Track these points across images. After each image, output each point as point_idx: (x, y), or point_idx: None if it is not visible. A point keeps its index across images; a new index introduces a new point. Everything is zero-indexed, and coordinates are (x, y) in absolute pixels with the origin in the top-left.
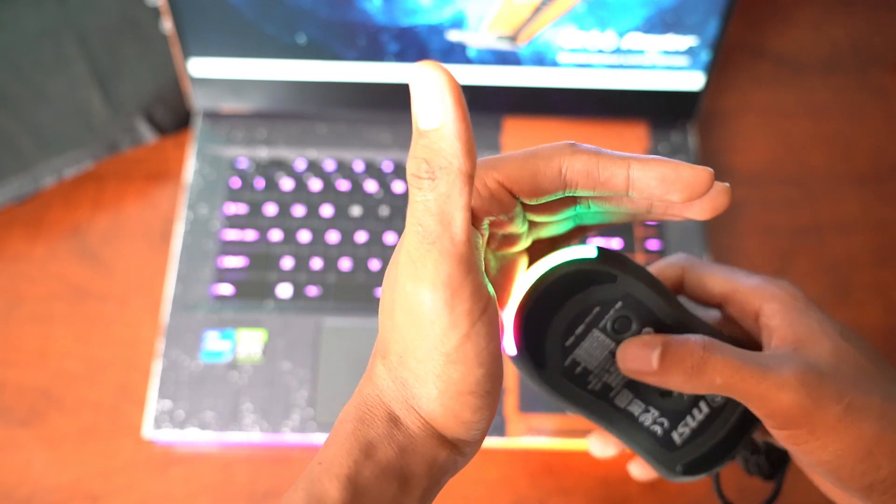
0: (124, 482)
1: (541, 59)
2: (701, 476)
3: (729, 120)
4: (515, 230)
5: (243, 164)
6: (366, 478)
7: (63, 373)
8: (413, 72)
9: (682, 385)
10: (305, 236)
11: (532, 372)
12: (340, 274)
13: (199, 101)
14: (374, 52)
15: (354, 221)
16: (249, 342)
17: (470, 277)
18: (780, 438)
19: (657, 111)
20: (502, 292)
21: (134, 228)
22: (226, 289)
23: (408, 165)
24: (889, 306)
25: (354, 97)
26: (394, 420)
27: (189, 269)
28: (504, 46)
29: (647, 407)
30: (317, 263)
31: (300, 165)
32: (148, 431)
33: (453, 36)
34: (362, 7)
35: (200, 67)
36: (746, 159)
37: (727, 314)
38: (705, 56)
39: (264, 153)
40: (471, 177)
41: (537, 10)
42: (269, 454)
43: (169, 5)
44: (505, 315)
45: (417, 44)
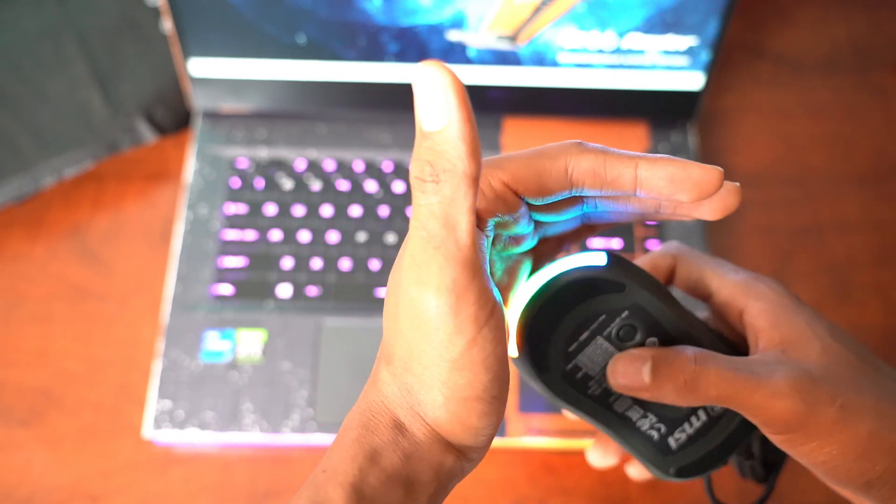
0: (124, 482)
1: (541, 59)
2: (694, 478)
3: (729, 120)
4: (521, 230)
5: (243, 164)
6: (371, 485)
7: (63, 373)
8: (416, 72)
9: (676, 399)
10: (305, 236)
11: (533, 374)
12: (340, 274)
13: (199, 101)
14: (374, 52)
15: (354, 221)
16: (249, 342)
17: (475, 282)
18: (777, 442)
19: (657, 111)
20: (507, 292)
21: (134, 228)
22: (226, 289)
23: (411, 167)
24: (889, 306)
25: (354, 97)
26: (399, 427)
27: (189, 269)
28: (504, 46)
29: (646, 413)
30: (317, 263)
31: (300, 165)
32: (148, 431)
33: (453, 36)
34: (362, 7)
35: (200, 67)
36: (746, 159)
37: (713, 308)
38: (705, 56)
39: (264, 153)
40: (476, 179)
41: (537, 10)
42: (269, 454)
43: (169, 5)
44: (509, 316)
45: (417, 44)
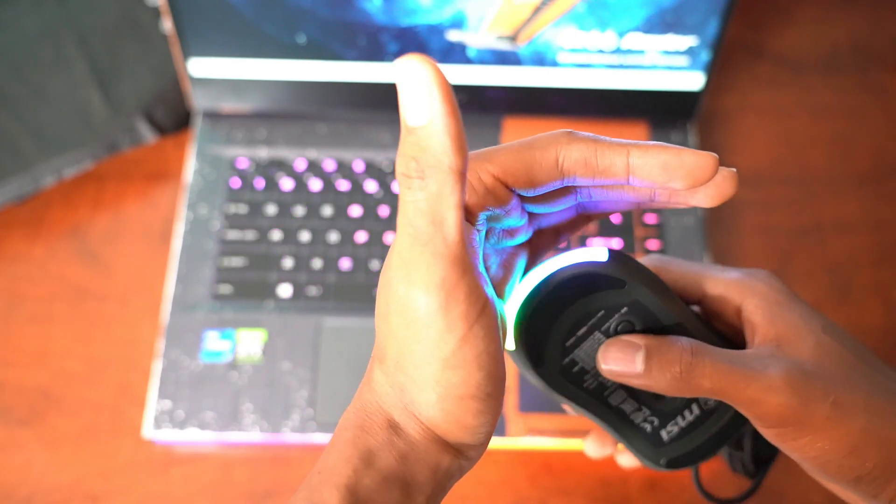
0: (124, 482)
1: (541, 59)
2: (683, 469)
3: (729, 120)
4: (514, 223)
5: (243, 164)
6: (366, 486)
7: (63, 373)
8: (398, 66)
9: (669, 389)
10: (305, 236)
11: (528, 367)
12: (340, 274)
13: (199, 101)
14: (374, 52)
15: (354, 221)
16: (249, 342)
17: (465, 279)
18: (769, 436)
19: (657, 111)
20: (503, 286)
21: (134, 228)
22: (226, 289)
23: (396, 164)
24: (889, 306)
25: (354, 97)
26: (394, 426)
27: (189, 269)
28: (504, 46)
29: (640, 406)
30: (317, 263)
31: (300, 165)
32: (148, 431)
33: (453, 36)
34: (362, 7)
35: (200, 67)
36: (746, 159)
37: (706, 310)
38: (705, 56)
39: (264, 153)
40: (462, 174)
41: (537, 10)
42: (269, 454)
43: (169, 5)
44: (507, 309)
45: (417, 44)
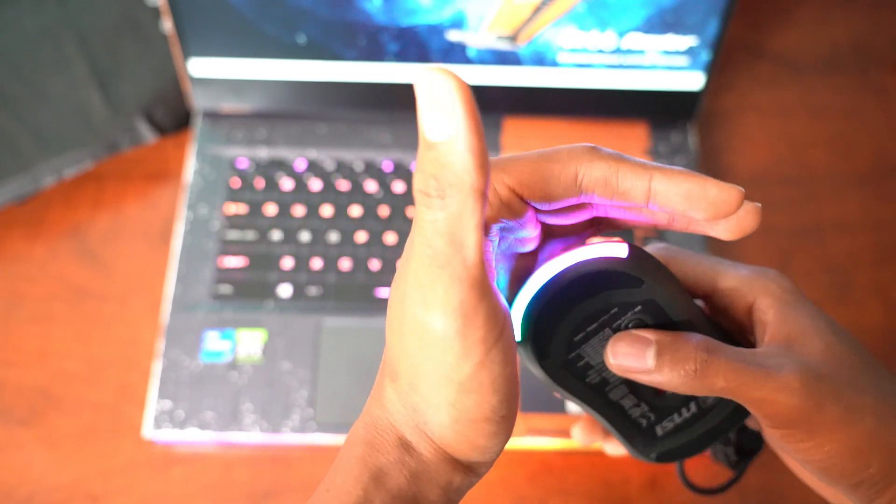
0: (124, 482)
1: (541, 59)
2: (672, 462)
3: (729, 120)
4: (527, 234)
5: (243, 164)
6: None
7: (63, 373)
8: (419, 76)
9: (681, 387)
10: (305, 236)
11: (533, 360)
12: (340, 274)
13: (199, 101)
14: (374, 52)
15: (354, 221)
16: (249, 342)
17: (484, 303)
18: (775, 437)
19: (657, 111)
20: (511, 291)
21: (134, 228)
22: (226, 289)
23: (415, 180)
24: (889, 306)
25: (354, 97)
26: (405, 445)
27: (189, 269)
28: (504, 46)
29: (639, 402)
30: (317, 263)
31: (300, 165)
32: (148, 431)
33: (453, 36)
34: (362, 7)
35: (200, 67)
36: (746, 159)
37: (714, 305)
38: (705, 56)
39: (264, 153)
40: (484, 193)
41: (537, 10)
42: (269, 454)
43: (169, 5)
44: (519, 299)
45: (417, 44)
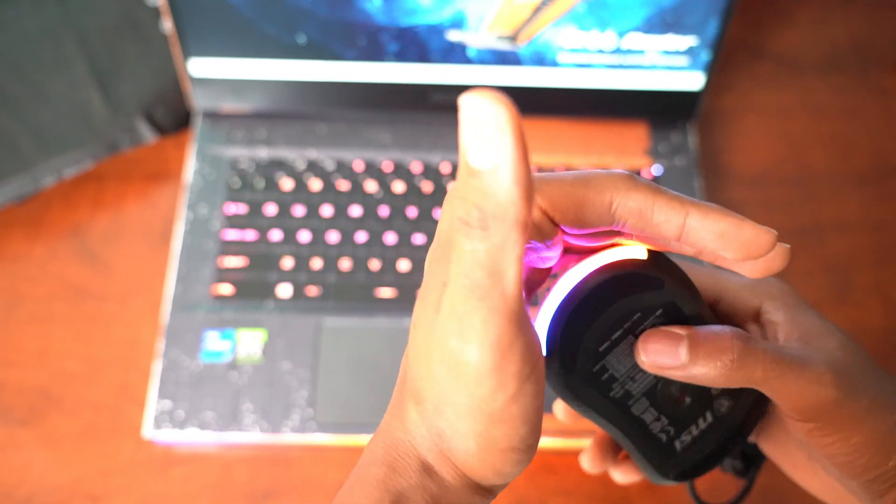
0: (124, 482)
1: (541, 59)
2: (690, 480)
3: (729, 120)
4: (552, 255)
5: (243, 164)
6: None
7: (63, 373)
8: (466, 101)
9: (718, 378)
10: (305, 236)
11: (558, 376)
12: (340, 274)
13: (199, 101)
14: (374, 52)
15: (354, 221)
16: (249, 342)
17: (521, 337)
18: (801, 431)
19: (657, 111)
20: (527, 303)
21: (134, 228)
22: (226, 289)
23: (455, 206)
24: (889, 306)
25: (354, 97)
26: (427, 469)
27: (189, 269)
28: (504, 46)
29: (659, 415)
30: (317, 263)
31: (300, 165)
32: (148, 431)
33: (453, 36)
34: (362, 7)
35: (200, 67)
36: (746, 159)
37: (718, 314)
38: (705, 56)
39: (264, 153)
40: (527, 225)
41: (537, 10)
42: (269, 454)
43: (169, 5)
44: (542, 313)
45: (417, 44)
